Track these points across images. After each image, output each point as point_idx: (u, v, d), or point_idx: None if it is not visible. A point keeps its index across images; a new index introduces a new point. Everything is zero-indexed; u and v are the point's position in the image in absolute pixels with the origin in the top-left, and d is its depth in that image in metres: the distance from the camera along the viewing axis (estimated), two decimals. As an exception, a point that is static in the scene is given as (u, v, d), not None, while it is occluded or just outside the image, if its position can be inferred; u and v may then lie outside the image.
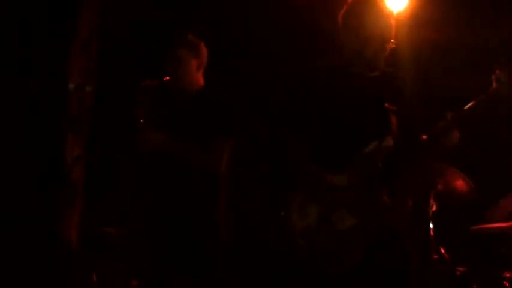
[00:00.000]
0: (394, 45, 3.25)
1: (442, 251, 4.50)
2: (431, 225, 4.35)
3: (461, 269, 4.46)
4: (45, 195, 4.35)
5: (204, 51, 3.82)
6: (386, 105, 3.28)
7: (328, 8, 3.99)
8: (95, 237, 4.36)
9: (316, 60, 3.43)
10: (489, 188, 4.65)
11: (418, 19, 4.95)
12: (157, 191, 3.68)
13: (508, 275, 4.28)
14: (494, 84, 3.03)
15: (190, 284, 3.58)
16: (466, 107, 3.10)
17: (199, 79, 3.80)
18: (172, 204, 3.63)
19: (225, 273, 3.70)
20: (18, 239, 4.25)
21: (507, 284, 4.24)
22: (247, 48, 5.27)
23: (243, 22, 5.20)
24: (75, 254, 4.34)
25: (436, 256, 4.40)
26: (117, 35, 4.90)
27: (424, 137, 3.24)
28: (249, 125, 3.88)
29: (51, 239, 4.31)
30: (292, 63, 4.80)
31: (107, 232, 4.33)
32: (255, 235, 4.80)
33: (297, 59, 4.90)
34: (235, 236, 3.88)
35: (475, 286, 4.37)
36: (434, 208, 4.39)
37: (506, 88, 3.00)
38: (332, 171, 3.19)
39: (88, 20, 4.52)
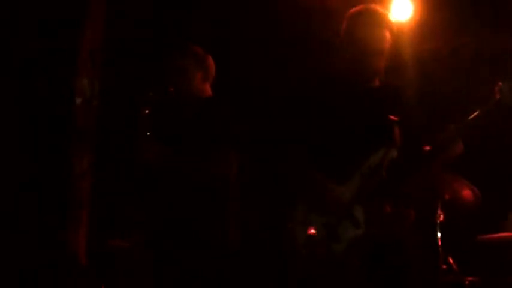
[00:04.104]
0: (392, 58, 3.24)
1: (451, 260, 4.48)
2: (439, 235, 4.33)
3: (470, 278, 4.44)
4: (52, 210, 4.37)
5: (211, 63, 3.81)
6: (390, 116, 3.27)
7: (328, 18, 4.01)
8: (101, 250, 4.36)
9: (318, 69, 3.42)
10: (495, 197, 4.63)
11: (421, 29, 4.95)
12: (162, 203, 3.68)
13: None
14: (497, 95, 3.00)
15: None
16: (470, 117, 3.08)
17: (206, 90, 3.80)
18: (179, 218, 3.62)
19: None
20: (25, 253, 4.27)
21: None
22: (250, 59, 5.28)
23: (244, 33, 5.21)
24: (82, 268, 4.35)
25: (444, 266, 4.38)
26: (121, 46, 4.93)
27: (428, 147, 3.23)
28: (252, 135, 3.87)
29: (58, 253, 4.33)
30: (294, 73, 4.81)
31: (112, 245, 4.33)
32: (258, 240, 4.79)
33: (300, 68, 4.91)
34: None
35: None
36: (441, 218, 4.37)
37: (509, 98, 2.97)
38: (336, 181, 3.18)
39: (92, 33, 4.55)
